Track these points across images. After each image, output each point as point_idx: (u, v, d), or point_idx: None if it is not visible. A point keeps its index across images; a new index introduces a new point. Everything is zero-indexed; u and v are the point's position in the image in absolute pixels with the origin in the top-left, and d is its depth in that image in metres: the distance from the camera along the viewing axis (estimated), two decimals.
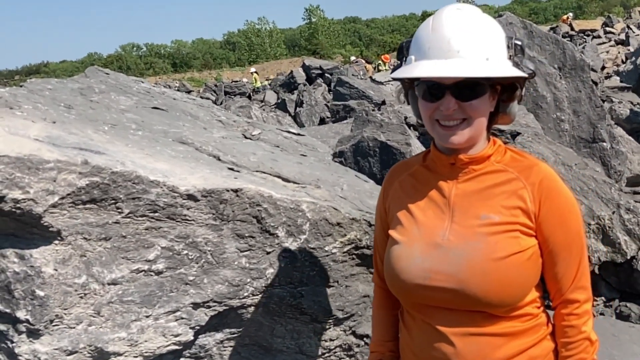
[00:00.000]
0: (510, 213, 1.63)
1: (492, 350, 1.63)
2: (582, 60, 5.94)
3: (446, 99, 1.58)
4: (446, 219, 1.69)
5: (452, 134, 1.62)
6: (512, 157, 1.73)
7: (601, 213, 4.32)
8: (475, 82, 1.57)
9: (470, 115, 1.60)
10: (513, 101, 1.72)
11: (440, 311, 1.66)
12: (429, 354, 1.69)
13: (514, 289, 1.61)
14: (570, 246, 1.66)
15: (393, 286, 1.76)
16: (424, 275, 1.64)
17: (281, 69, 51.02)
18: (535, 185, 1.65)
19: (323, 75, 26.13)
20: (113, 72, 3.62)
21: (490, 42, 1.58)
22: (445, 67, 1.54)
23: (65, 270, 1.98)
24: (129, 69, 74.95)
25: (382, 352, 1.97)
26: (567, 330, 1.69)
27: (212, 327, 2.35)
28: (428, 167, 1.80)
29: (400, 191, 1.84)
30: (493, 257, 1.58)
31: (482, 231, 1.62)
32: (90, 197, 1.98)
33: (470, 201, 1.68)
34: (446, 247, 1.64)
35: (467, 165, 1.70)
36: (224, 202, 2.24)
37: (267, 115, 15.16)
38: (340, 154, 5.82)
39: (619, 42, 25.07)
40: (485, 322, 1.63)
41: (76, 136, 2.23)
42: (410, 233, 1.73)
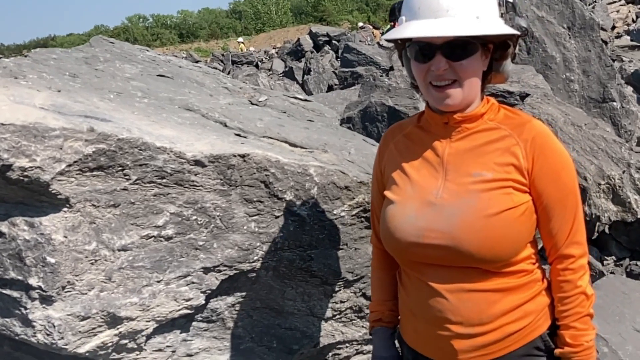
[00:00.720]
0: (503, 170, 1.63)
1: (488, 306, 1.65)
2: (592, 19, 5.85)
3: (436, 59, 1.58)
4: (440, 177, 1.69)
5: (446, 97, 1.62)
6: (506, 114, 1.73)
7: (611, 172, 4.29)
8: (465, 41, 1.56)
9: (460, 75, 1.60)
10: (506, 59, 1.71)
11: (434, 268, 1.68)
12: (425, 312, 1.71)
13: (506, 244, 1.61)
14: (564, 201, 1.66)
15: (388, 245, 1.78)
16: (418, 233, 1.66)
17: (288, 36, 50.61)
18: (528, 141, 1.65)
19: (330, 43, 25.90)
20: (118, 41, 3.60)
21: (480, 1, 1.57)
22: (434, 26, 1.54)
23: (75, 237, 2.00)
24: (136, 40, 74.64)
25: (382, 311, 1.99)
26: (562, 285, 1.70)
27: (223, 291, 2.37)
28: (422, 128, 1.81)
29: (395, 152, 1.85)
30: (485, 214, 1.59)
31: (474, 188, 1.63)
32: (97, 164, 1.99)
33: (463, 159, 1.68)
34: (439, 205, 1.65)
35: (460, 124, 1.70)
36: (231, 167, 2.24)
37: (274, 83, 15.10)
38: (348, 119, 5.80)
39: (629, 1, 24.64)
40: (479, 279, 1.65)
41: (82, 104, 2.23)
42: (405, 192, 1.74)
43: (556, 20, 5.85)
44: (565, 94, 5.70)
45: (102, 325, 2.10)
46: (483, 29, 1.54)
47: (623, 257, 4.62)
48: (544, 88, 5.15)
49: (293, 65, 20.33)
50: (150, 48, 5.54)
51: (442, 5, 1.54)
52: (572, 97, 5.72)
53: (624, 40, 12.83)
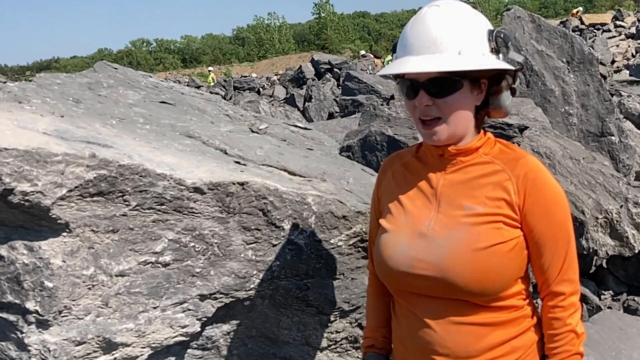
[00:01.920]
0: (494, 204, 1.65)
1: (475, 340, 1.66)
2: (591, 53, 5.91)
3: (420, 95, 1.60)
4: (433, 208, 1.71)
5: (433, 134, 1.64)
6: (501, 149, 1.75)
7: (609, 207, 4.31)
8: (448, 78, 1.58)
9: (444, 112, 1.62)
10: (501, 94, 1.71)
11: (424, 299, 1.69)
12: (414, 342, 1.73)
13: (495, 278, 1.62)
14: (556, 238, 1.67)
15: (380, 273, 1.81)
16: (408, 263, 1.67)
17: (290, 64, 51.01)
18: (520, 177, 1.66)
19: (332, 70, 26.10)
20: (121, 67, 3.64)
21: (465, 36, 1.58)
22: (412, 63, 1.58)
23: (73, 262, 2.01)
24: (139, 64, 75.23)
25: (375, 337, 2.00)
26: (552, 323, 1.70)
27: (218, 319, 2.37)
28: (420, 159, 1.83)
29: (392, 181, 1.87)
30: (474, 247, 1.60)
31: (465, 221, 1.64)
32: (97, 190, 2.01)
33: (456, 192, 1.70)
34: (430, 236, 1.67)
35: (454, 157, 1.72)
36: (230, 195, 2.26)
37: (275, 110, 15.19)
38: (347, 148, 5.83)
39: (629, 36, 24.90)
40: (468, 312, 1.65)
41: (84, 130, 2.25)
42: (398, 222, 1.76)
43: (555, 54, 5.92)
44: (564, 128, 5.74)
45: (98, 350, 2.10)
46: (461, 65, 1.55)
47: (620, 292, 4.61)
48: (543, 121, 5.19)
49: (294, 92, 20.47)
50: (153, 72, 5.60)
51: (426, 42, 1.57)
52: (571, 131, 5.76)
53: (623, 75, 12.95)
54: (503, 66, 1.61)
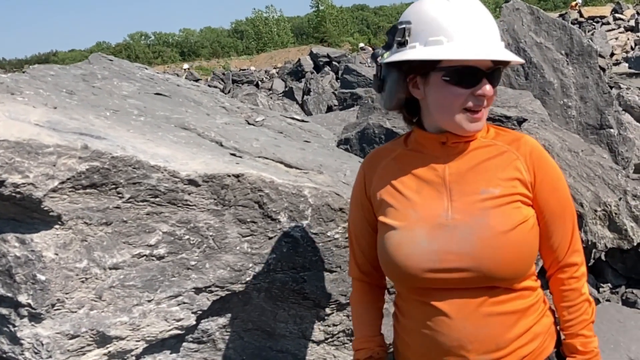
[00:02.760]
0: (509, 184, 1.64)
1: (504, 331, 1.64)
2: (590, 46, 5.88)
3: (483, 83, 1.58)
4: (444, 198, 1.66)
5: (478, 120, 1.62)
6: (497, 132, 1.75)
7: (608, 199, 4.28)
8: (500, 69, 1.61)
9: (490, 101, 1.62)
10: None
11: (448, 294, 1.63)
12: (436, 340, 1.66)
13: (525, 258, 1.63)
14: (564, 212, 1.70)
15: (397, 274, 1.70)
16: (434, 257, 1.61)
17: (289, 57, 50.93)
18: (527, 155, 1.67)
19: (331, 64, 26.07)
20: (117, 59, 3.61)
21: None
22: (496, 50, 1.57)
23: (66, 254, 1.99)
24: (137, 57, 75.11)
25: (371, 347, 1.90)
26: (568, 294, 1.72)
27: (214, 312, 2.35)
28: (414, 150, 1.77)
29: (386, 176, 1.78)
30: (501, 230, 1.58)
31: (485, 205, 1.62)
32: (90, 182, 1.99)
33: (467, 177, 1.67)
34: (452, 226, 1.62)
35: (457, 144, 1.69)
36: (225, 187, 2.23)
37: (273, 103, 15.15)
38: (346, 140, 5.80)
39: (628, 29, 24.87)
40: (494, 302, 1.63)
41: (77, 121, 2.23)
42: (408, 217, 1.68)
43: (554, 46, 5.88)
44: (563, 120, 5.71)
45: (91, 344, 2.08)
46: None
47: (619, 285, 4.60)
48: (542, 114, 5.16)
49: (293, 86, 20.46)
50: (152, 66, 5.57)
51: (487, 31, 1.58)
52: (570, 123, 5.73)
53: (622, 68, 12.92)
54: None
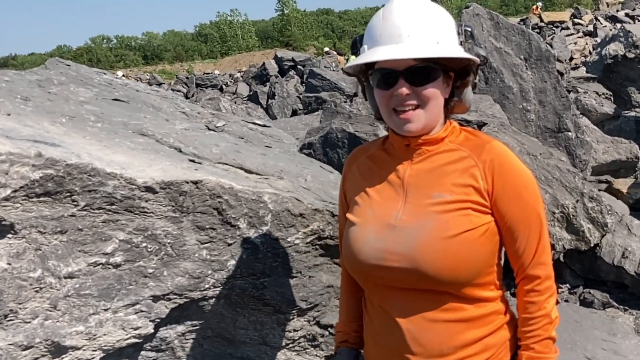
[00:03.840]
0: (461, 191, 1.64)
1: (449, 337, 1.65)
2: (548, 50, 5.98)
3: (399, 84, 1.59)
4: (400, 199, 1.70)
5: (408, 121, 1.63)
6: (466, 136, 1.75)
7: (565, 201, 4.36)
8: (427, 67, 1.58)
9: (424, 100, 1.61)
10: (466, 87, 1.73)
11: (396, 294, 1.67)
12: (387, 339, 1.71)
13: (466, 265, 1.61)
14: (529, 221, 1.67)
15: (350, 267, 1.78)
16: (378, 255, 1.65)
17: (253, 61, 50.75)
18: (486, 162, 1.66)
19: (295, 67, 26.04)
20: (74, 64, 3.56)
21: (440, 27, 1.60)
22: (394, 50, 1.56)
23: (19, 264, 1.95)
24: (99, 61, 74.08)
25: (347, 332, 1.98)
26: (528, 307, 1.70)
27: (173, 320, 2.33)
28: (386, 150, 1.82)
29: (358, 174, 1.85)
30: (444, 235, 1.59)
31: (433, 210, 1.63)
32: (44, 190, 1.95)
33: (423, 181, 1.69)
34: (399, 227, 1.65)
35: (420, 146, 1.71)
36: (183, 194, 2.22)
37: (236, 108, 15.08)
38: (309, 145, 5.81)
39: (587, 34, 25.37)
40: (442, 308, 1.64)
41: (31, 128, 2.19)
42: (365, 214, 1.74)
43: (513, 51, 5.98)
44: (522, 124, 5.80)
45: (46, 355, 2.04)
46: (442, 52, 1.56)
47: (577, 285, 4.68)
48: (501, 117, 5.24)
49: (258, 90, 20.39)
50: (114, 69, 5.48)
51: (402, 31, 1.57)
52: (529, 127, 5.82)
53: (580, 72, 13.16)
54: (474, 57, 1.64)
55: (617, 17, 26.36)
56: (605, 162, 6.28)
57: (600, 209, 4.47)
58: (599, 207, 4.47)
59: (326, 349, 2.74)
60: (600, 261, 4.51)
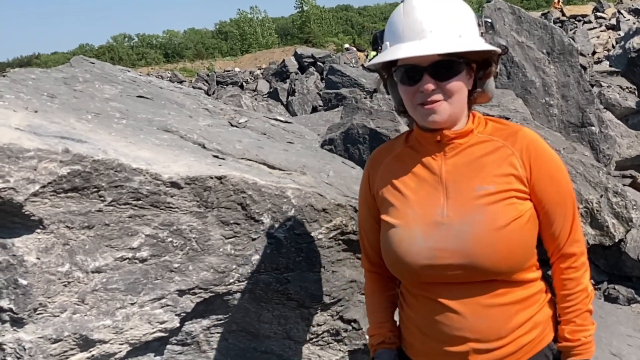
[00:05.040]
0: (504, 181, 1.66)
1: (505, 321, 1.69)
2: (571, 44, 5.94)
3: (424, 80, 1.60)
4: (441, 196, 1.71)
5: (433, 112, 1.64)
6: (494, 126, 1.77)
7: (589, 197, 4.33)
8: (451, 61, 1.60)
9: (449, 94, 1.63)
10: (489, 78, 1.75)
11: (448, 287, 1.69)
12: (438, 330, 1.72)
13: (519, 253, 1.65)
14: (564, 202, 1.71)
15: (397, 270, 1.78)
16: (429, 254, 1.66)
17: (273, 58, 50.81)
18: (522, 150, 1.69)
19: (315, 64, 26.06)
20: (98, 62, 3.59)
21: (461, 21, 1.62)
22: (418, 47, 1.57)
23: (48, 258, 1.98)
24: (121, 59, 74.70)
25: (383, 333, 1.98)
26: (566, 283, 1.75)
27: (198, 314, 2.35)
28: (413, 148, 1.82)
29: (388, 175, 1.85)
30: (495, 227, 1.62)
31: (480, 203, 1.65)
32: (72, 186, 1.98)
33: (462, 175, 1.70)
34: (447, 223, 1.67)
35: (452, 141, 1.72)
36: (208, 189, 2.24)
37: (257, 104, 15.13)
38: (330, 141, 5.82)
39: (609, 27, 25.05)
40: (494, 294, 1.67)
41: (58, 125, 2.22)
42: (406, 215, 1.74)
43: (536, 45, 5.94)
44: (545, 119, 5.76)
45: (74, 348, 2.07)
46: (466, 46, 1.58)
47: (601, 281, 4.65)
48: (524, 112, 5.20)
49: (278, 86, 20.44)
50: (135, 67, 5.51)
51: (425, 27, 1.58)
52: (552, 122, 5.78)
53: (603, 66, 13.02)
54: (496, 48, 1.65)
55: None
56: (630, 156, 6.21)
57: (625, 203, 4.43)
58: (623, 202, 4.43)
59: (349, 344, 2.75)
60: (625, 256, 4.47)
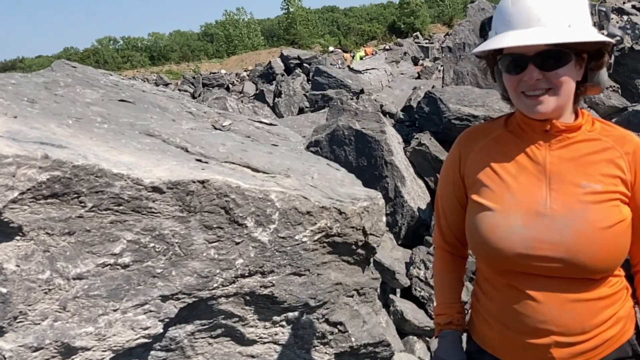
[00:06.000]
0: (610, 182, 1.64)
1: (590, 316, 1.67)
2: None
3: (529, 70, 1.58)
4: (543, 186, 1.67)
5: (538, 103, 1.61)
6: (602, 127, 1.73)
7: None
8: (558, 51, 1.56)
9: (555, 84, 1.59)
10: (601, 69, 1.70)
11: (538, 279, 1.66)
12: (520, 321, 1.70)
13: (617, 255, 1.65)
14: None
15: (487, 254, 1.74)
16: (527, 244, 1.64)
17: (260, 59, 50.76)
18: (630, 154, 1.66)
19: (301, 65, 26.07)
20: (80, 66, 3.57)
21: (572, 9, 1.57)
22: (524, 36, 1.54)
23: (28, 266, 1.96)
24: (106, 62, 74.21)
25: (451, 313, 1.97)
26: None
27: (182, 319, 2.34)
28: (514, 133, 1.77)
29: (484, 156, 1.80)
30: (600, 226, 1.59)
31: (586, 199, 1.62)
32: (51, 192, 1.96)
33: (568, 169, 1.67)
34: (550, 215, 1.64)
35: (561, 133, 1.68)
36: (190, 193, 2.22)
37: (243, 107, 15.09)
38: (316, 143, 5.82)
39: None
40: (582, 289, 1.66)
41: (38, 130, 2.20)
42: (504, 200, 1.70)
43: None
44: None
45: (56, 356, 2.05)
46: (574, 37, 1.53)
47: None
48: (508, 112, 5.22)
49: (264, 88, 20.42)
50: (121, 71, 5.48)
51: (533, 15, 1.55)
52: None
53: None
54: (609, 39, 1.60)
55: (623, 9, 26.19)
56: None
57: None
58: None
59: (335, 347, 2.74)
60: None
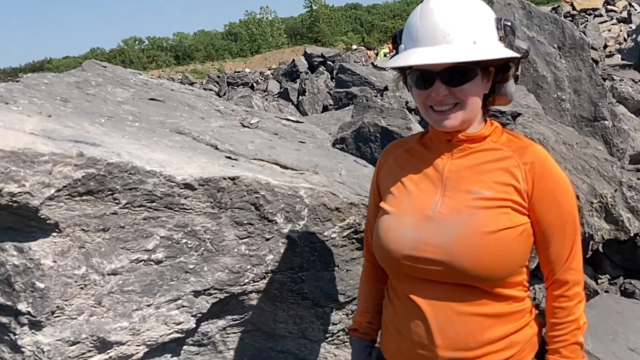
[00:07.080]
0: (502, 189, 1.64)
1: (477, 332, 1.64)
2: (582, 38, 5.89)
3: (436, 85, 1.60)
4: (438, 192, 1.70)
5: (445, 119, 1.64)
6: (508, 138, 1.75)
7: (603, 191, 4.29)
8: (464, 67, 1.57)
9: (462, 99, 1.61)
10: (507, 81, 1.72)
11: (427, 285, 1.67)
12: (411, 331, 1.70)
13: (502, 263, 1.61)
14: (564, 227, 1.67)
15: (381, 256, 1.77)
16: (413, 245, 1.65)
17: (283, 58, 50.88)
18: (528, 164, 1.66)
19: (325, 63, 26.05)
20: (110, 65, 3.62)
21: (477, 25, 1.58)
22: (431, 54, 1.56)
23: (64, 262, 2.00)
24: (132, 62, 75.03)
25: (360, 322, 2.00)
26: (556, 312, 1.71)
27: (213, 315, 2.37)
28: (424, 145, 1.82)
29: (395, 166, 1.86)
30: (483, 231, 1.59)
31: (473, 205, 1.63)
32: (86, 189, 2.00)
33: (463, 176, 1.69)
34: (437, 219, 1.65)
35: (462, 143, 1.71)
36: (221, 190, 2.24)
37: (268, 105, 15.14)
38: (341, 140, 5.81)
39: (620, 20, 24.83)
40: (472, 302, 1.64)
41: (72, 129, 2.24)
42: (402, 204, 1.74)
43: (547, 40, 5.90)
44: (557, 113, 5.72)
45: (92, 350, 2.09)
46: (479, 55, 1.55)
47: (617, 276, 4.60)
48: (536, 107, 5.17)
49: (288, 86, 20.44)
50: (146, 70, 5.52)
51: (439, 32, 1.56)
52: (564, 116, 5.75)
53: (615, 59, 12.91)
54: (514, 54, 1.61)
55: None
56: None
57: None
58: (638, 196, 4.39)
59: None
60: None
